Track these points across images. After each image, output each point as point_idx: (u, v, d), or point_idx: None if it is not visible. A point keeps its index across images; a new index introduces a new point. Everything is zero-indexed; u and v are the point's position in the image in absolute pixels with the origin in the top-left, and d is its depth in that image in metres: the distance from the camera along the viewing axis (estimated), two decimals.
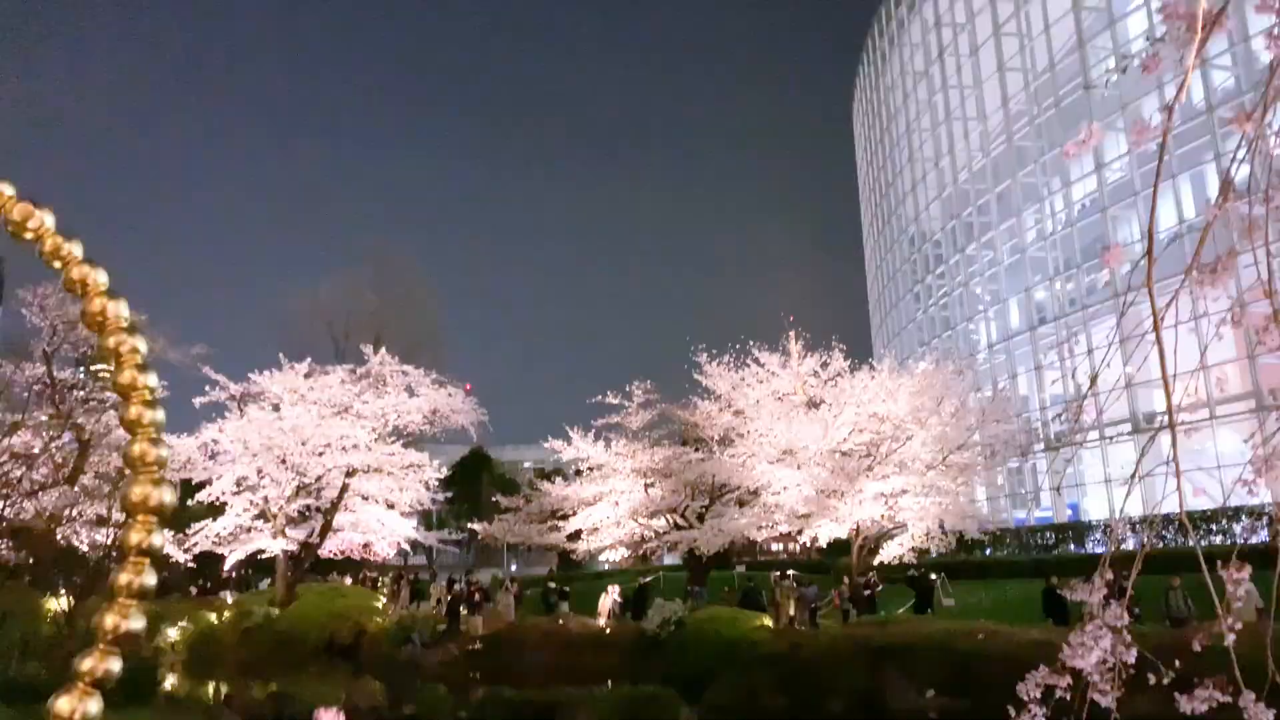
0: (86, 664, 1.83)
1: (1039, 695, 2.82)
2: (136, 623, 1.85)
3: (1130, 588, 2.73)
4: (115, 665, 1.85)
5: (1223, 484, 28.30)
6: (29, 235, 1.75)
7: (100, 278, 1.81)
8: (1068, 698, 2.76)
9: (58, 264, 1.81)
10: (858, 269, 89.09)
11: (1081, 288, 47.74)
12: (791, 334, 34.08)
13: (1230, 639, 2.58)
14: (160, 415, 1.84)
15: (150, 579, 1.85)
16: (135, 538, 1.83)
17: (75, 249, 1.81)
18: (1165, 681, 2.80)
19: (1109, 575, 2.74)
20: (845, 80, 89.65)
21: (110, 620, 1.84)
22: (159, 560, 1.96)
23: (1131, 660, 2.69)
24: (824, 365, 32.93)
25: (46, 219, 1.77)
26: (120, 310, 1.82)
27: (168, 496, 1.84)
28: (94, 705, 1.82)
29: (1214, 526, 30.96)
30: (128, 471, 1.88)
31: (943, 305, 63.49)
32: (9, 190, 1.74)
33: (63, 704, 1.78)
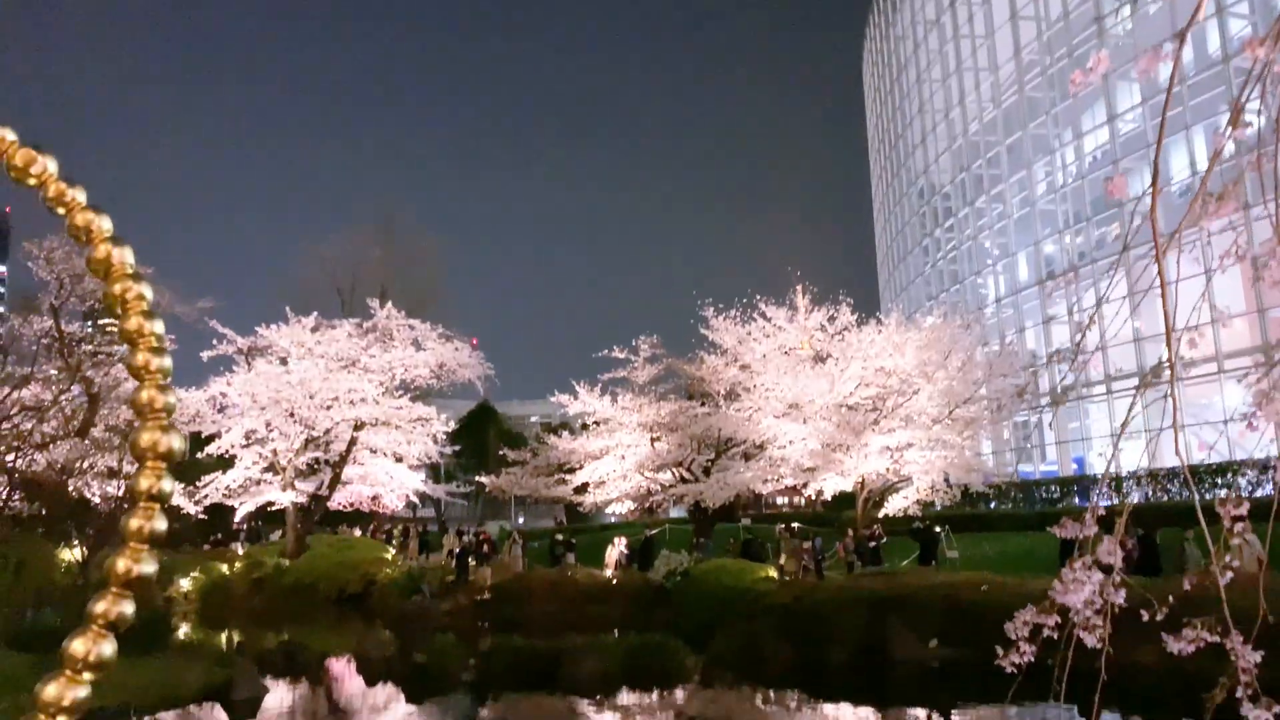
0: (100, 607, 1.85)
1: (1027, 635, 2.86)
2: (148, 567, 1.87)
3: (1123, 527, 2.73)
4: (128, 609, 1.88)
5: (1229, 439, 28.30)
6: (32, 181, 1.75)
7: (104, 223, 1.81)
8: (1055, 637, 2.79)
9: (61, 210, 1.81)
10: (866, 222, 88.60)
11: (1091, 241, 47.39)
12: (799, 288, 33.89)
13: (1226, 578, 2.59)
14: (167, 362, 1.85)
15: (161, 524, 1.87)
16: (145, 483, 1.85)
17: (79, 195, 1.80)
18: (1159, 618, 2.83)
19: (1100, 511, 2.76)
20: (855, 29, 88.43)
21: (122, 565, 1.86)
22: (169, 508, 1.98)
23: (1121, 600, 2.72)
24: (831, 319, 32.80)
25: (50, 165, 1.77)
26: (125, 256, 1.82)
27: (176, 442, 1.86)
28: (108, 648, 1.85)
29: (1219, 480, 31.04)
30: (136, 421, 1.89)
31: (951, 259, 63.09)
32: (11, 136, 1.74)
33: (77, 645, 1.81)
